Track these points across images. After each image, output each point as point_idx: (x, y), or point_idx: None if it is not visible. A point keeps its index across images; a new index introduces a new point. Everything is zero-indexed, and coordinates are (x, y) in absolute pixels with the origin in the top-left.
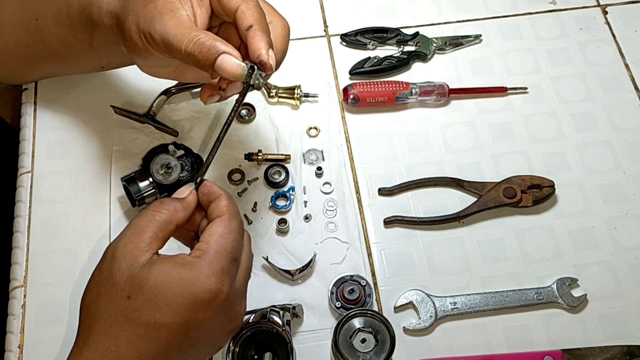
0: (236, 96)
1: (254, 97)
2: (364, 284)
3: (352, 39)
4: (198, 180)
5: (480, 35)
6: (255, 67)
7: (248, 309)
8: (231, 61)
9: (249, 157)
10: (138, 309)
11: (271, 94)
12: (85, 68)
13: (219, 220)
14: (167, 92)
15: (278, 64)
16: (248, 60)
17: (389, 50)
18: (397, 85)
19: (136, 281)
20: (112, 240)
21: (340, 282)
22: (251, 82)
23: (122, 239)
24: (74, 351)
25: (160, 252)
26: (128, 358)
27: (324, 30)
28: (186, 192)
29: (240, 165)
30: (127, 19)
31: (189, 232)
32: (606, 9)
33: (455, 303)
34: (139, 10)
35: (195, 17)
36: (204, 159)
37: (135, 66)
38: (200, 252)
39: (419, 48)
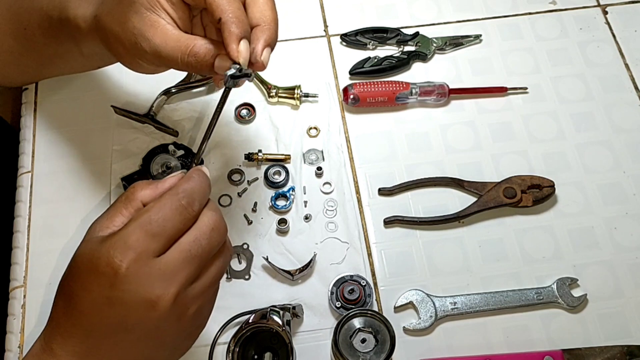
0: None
1: (254, 97)
2: (364, 284)
3: (352, 39)
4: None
5: (480, 35)
6: (234, 70)
7: (248, 308)
8: (228, 61)
9: (249, 157)
10: (64, 279)
11: (271, 94)
12: (82, 69)
13: (160, 197)
14: (167, 92)
15: (271, 41)
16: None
17: (389, 50)
18: (397, 85)
19: (74, 253)
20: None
21: (340, 282)
22: (227, 85)
23: (95, 221)
24: None
25: None
26: (64, 328)
27: (324, 30)
28: (170, 180)
29: (240, 165)
30: (109, 42)
31: None
32: (606, 9)
33: (455, 303)
34: (118, 33)
35: (175, 21)
36: (196, 153)
37: None
38: (123, 226)
39: (419, 48)
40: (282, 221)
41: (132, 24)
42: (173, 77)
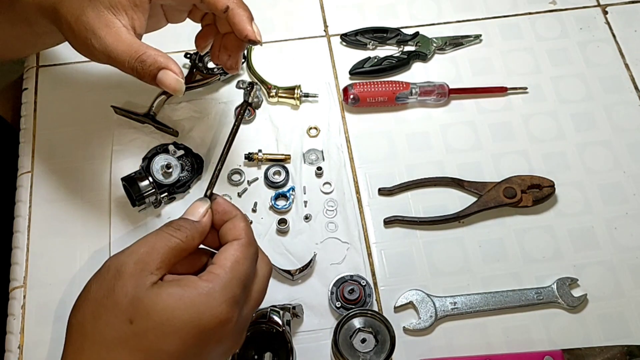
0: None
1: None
2: (364, 284)
3: (352, 39)
4: (208, 193)
5: (480, 35)
6: (254, 85)
7: None
8: (170, 76)
9: (249, 157)
10: (140, 334)
11: (271, 94)
12: (41, 48)
13: (236, 244)
14: (167, 92)
15: (251, 17)
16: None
17: (389, 50)
18: (397, 85)
19: (142, 305)
20: (116, 253)
21: (340, 282)
22: (249, 100)
23: (132, 256)
24: None
25: None
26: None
27: (324, 30)
28: (201, 211)
29: (240, 165)
30: (62, 29)
31: (195, 257)
32: (606, 9)
33: (455, 303)
34: (71, 24)
35: (134, 22)
36: (213, 172)
37: None
38: (214, 277)
39: (419, 48)
40: (282, 221)
41: (86, 19)
42: None
